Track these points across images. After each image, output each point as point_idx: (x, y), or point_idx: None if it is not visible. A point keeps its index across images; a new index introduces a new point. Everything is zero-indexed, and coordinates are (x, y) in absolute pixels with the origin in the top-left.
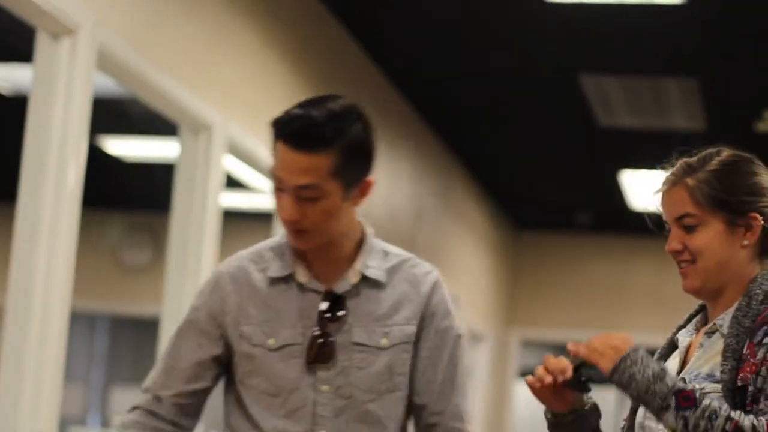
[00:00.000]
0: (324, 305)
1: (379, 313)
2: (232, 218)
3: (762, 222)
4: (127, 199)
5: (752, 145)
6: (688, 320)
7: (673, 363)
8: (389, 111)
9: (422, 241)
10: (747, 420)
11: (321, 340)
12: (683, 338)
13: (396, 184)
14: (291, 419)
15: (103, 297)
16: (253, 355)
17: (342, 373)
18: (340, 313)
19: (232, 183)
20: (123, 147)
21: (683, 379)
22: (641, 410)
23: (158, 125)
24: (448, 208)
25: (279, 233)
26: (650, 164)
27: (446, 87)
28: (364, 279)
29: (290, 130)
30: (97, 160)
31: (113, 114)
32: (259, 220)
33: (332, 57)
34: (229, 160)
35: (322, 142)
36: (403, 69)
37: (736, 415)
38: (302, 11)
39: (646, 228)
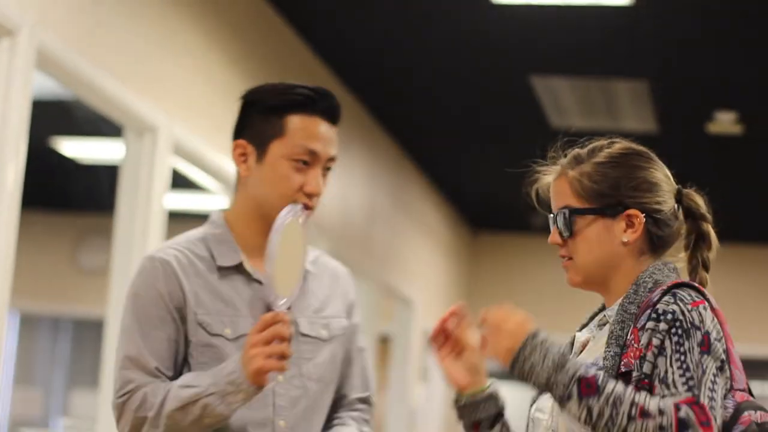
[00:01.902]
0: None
1: (315, 305)
2: (178, 219)
3: (644, 219)
4: (83, 201)
5: (704, 147)
6: (591, 318)
7: None
8: (342, 112)
9: (377, 242)
10: (653, 403)
11: None
12: (581, 335)
13: (349, 185)
14: (252, 408)
15: (64, 300)
16: (212, 345)
17: (294, 363)
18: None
19: (179, 183)
20: (78, 149)
21: (586, 365)
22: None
23: (107, 127)
24: (402, 210)
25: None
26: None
27: (398, 89)
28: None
29: (327, 106)
30: (52, 162)
31: (69, 116)
32: (205, 220)
33: (280, 58)
34: (174, 161)
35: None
36: (354, 70)
37: (640, 399)
38: (248, 12)
39: None
